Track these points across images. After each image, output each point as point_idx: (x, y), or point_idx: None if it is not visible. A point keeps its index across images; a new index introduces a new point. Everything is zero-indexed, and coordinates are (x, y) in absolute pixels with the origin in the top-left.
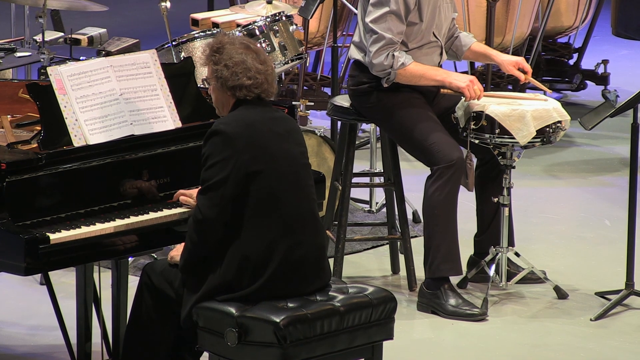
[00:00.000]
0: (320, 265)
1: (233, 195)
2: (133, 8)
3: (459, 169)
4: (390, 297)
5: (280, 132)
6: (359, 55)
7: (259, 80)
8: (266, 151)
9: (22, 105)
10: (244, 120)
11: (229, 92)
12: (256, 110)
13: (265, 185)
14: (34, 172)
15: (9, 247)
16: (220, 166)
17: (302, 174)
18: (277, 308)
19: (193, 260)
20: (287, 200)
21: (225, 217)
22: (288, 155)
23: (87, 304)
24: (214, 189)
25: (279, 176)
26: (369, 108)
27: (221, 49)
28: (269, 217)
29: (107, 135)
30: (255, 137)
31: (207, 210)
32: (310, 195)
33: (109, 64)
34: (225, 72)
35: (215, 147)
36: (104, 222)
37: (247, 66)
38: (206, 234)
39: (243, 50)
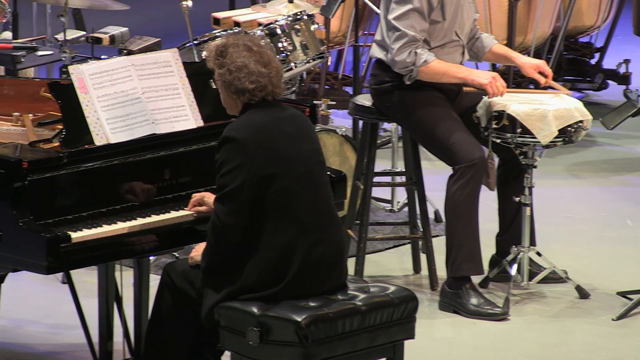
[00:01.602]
0: (339, 262)
1: (249, 201)
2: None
3: (481, 168)
4: (412, 297)
5: (292, 131)
6: (381, 53)
7: (262, 83)
8: (279, 153)
9: (43, 104)
10: (255, 124)
11: (234, 96)
12: (265, 112)
13: (281, 187)
14: (55, 171)
15: (30, 246)
16: (235, 173)
17: (316, 172)
18: (299, 307)
19: (215, 262)
20: (303, 200)
21: (243, 222)
22: (301, 155)
23: (109, 303)
24: (230, 196)
25: (293, 177)
26: (390, 107)
27: (224, 53)
28: (286, 218)
29: (129, 134)
30: (267, 140)
31: (225, 217)
32: (326, 192)
33: (130, 63)
34: (228, 76)
35: (228, 154)
36: (125, 221)
37: (249, 70)
38: (225, 240)
39: (246, 53)
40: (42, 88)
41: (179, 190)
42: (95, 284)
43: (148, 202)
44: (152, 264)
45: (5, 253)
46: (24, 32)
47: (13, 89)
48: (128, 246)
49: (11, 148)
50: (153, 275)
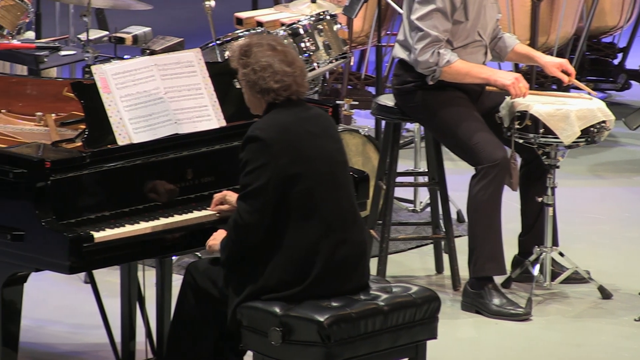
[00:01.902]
0: (362, 262)
1: (273, 200)
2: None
3: (503, 168)
4: (434, 297)
5: (315, 131)
6: (404, 54)
7: (287, 82)
8: (303, 153)
9: (66, 103)
10: (279, 124)
11: (258, 95)
12: (289, 112)
13: (305, 187)
14: (78, 171)
15: (53, 245)
16: (259, 172)
17: (339, 172)
18: (321, 307)
19: (234, 257)
20: (327, 200)
21: (265, 222)
22: (325, 155)
23: (131, 303)
24: (254, 195)
25: (317, 177)
26: (413, 107)
27: (249, 52)
28: (310, 219)
29: (152, 134)
30: (291, 140)
31: (248, 216)
32: (349, 192)
33: (153, 63)
34: (253, 76)
35: (252, 153)
36: (148, 220)
37: (274, 70)
38: (247, 238)
39: (270, 53)
40: (64, 88)
41: (202, 190)
42: (118, 283)
43: (171, 202)
44: (175, 264)
45: (28, 253)
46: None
47: (36, 89)
48: (151, 246)
49: (34, 148)
50: (175, 275)
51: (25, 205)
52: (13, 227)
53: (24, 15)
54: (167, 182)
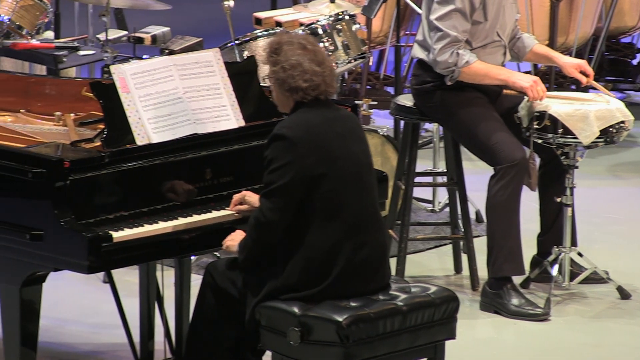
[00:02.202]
0: (382, 265)
1: (296, 199)
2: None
3: (522, 168)
4: (453, 297)
5: (342, 132)
6: (423, 54)
7: (316, 82)
8: (329, 154)
9: (85, 103)
10: (306, 123)
11: (287, 94)
12: (317, 112)
13: (329, 188)
14: (97, 171)
15: (72, 245)
16: (283, 171)
17: (364, 174)
18: (340, 307)
19: (253, 256)
20: (351, 202)
21: (287, 220)
22: (350, 156)
23: (150, 303)
24: (277, 193)
25: (342, 178)
26: (432, 107)
27: (279, 50)
28: (333, 219)
29: (170, 133)
30: (318, 140)
31: (270, 214)
32: (373, 194)
33: (172, 63)
34: (282, 74)
35: (278, 151)
36: (166, 220)
37: (303, 68)
38: (267, 236)
39: (300, 52)
40: (83, 88)
41: (221, 190)
42: (137, 283)
43: (189, 201)
44: (193, 264)
45: (47, 252)
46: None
47: (55, 89)
48: (169, 246)
49: (53, 147)
50: (194, 275)
51: (44, 205)
52: (32, 226)
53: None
54: (185, 182)
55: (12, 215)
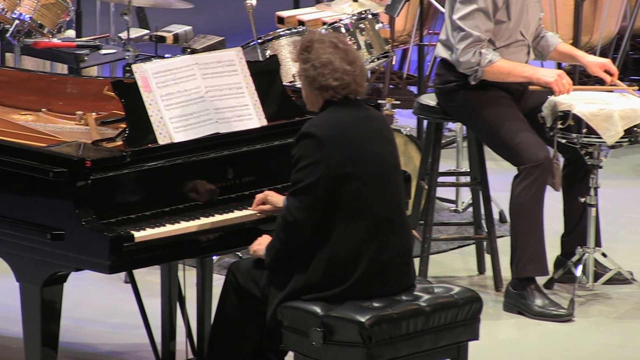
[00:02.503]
0: (406, 267)
1: (323, 198)
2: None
3: (546, 168)
4: (476, 297)
5: (371, 132)
6: (446, 53)
7: (346, 81)
8: (357, 153)
9: (106, 102)
10: (335, 122)
11: (316, 92)
12: (346, 111)
13: (355, 187)
14: (118, 170)
15: (93, 245)
16: (311, 169)
17: (391, 175)
18: (362, 308)
19: (280, 258)
20: (376, 202)
21: (314, 219)
22: (378, 157)
23: (172, 303)
24: (305, 192)
25: (369, 178)
26: (455, 107)
27: (310, 48)
28: (357, 219)
29: (192, 133)
30: (346, 139)
31: (297, 213)
32: (399, 196)
33: (194, 62)
34: (313, 72)
35: (306, 149)
36: (188, 220)
37: (334, 67)
38: (295, 235)
39: (332, 50)
40: (105, 87)
41: (242, 189)
42: (158, 283)
43: (211, 201)
44: (215, 264)
45: (68, 252)
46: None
47: (76, 88)
48: (191, 246)
49: (74, 147)
50: (216, 275)
51: (65, 204)
52: (53, 226)
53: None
54: (207, 181)
55: (33, 215)
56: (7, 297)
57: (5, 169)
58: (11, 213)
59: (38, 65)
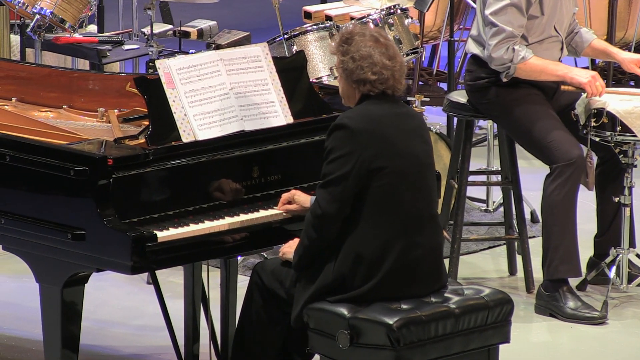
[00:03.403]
0: (435, 268)
1: (354, 191)
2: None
3: (579, 167)
4: (507, 299)
5: (406, 129)
6: (477, 49)
7: (385, 76)
8: (390, 148)
9: (129, 99)
10: (369, 115)
11: (353, 85)
12: (382, 106)
13: (386, 182)
14: (141, 168)
15: (115, 245)
16: (343, 161)
17: (424, 173)
18: (391, 309)
19: (308, 256)
20: (406, 200)
21: (344, 213)
22: (412, 154)
23: (195, 304)
24: (336, 183)
25: (401, 174)
26: (486, 104)
27: (350, 40)
28: (386, 216)
29: (217, 130)
30: (380, 133)
31: (327, 205)
32: (431, 195)
33: (219, 58)
34: (351, 64)
35: (338, 141)
36: (212, 220)
37: (373, 61)
38: (324, 230)
39: (372, 44)
40: (128, 83)
41: (268, 188)
42: (181, 284)
43: (236, 200)
44: (240, 265)
45: (89, 252)
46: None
47: (98, 84)
48: (215, 246)
49: (96, 144)
50: (241, 276)
51: (86, 203)
52: (74, 226)
53: (86, 8)
54: (232, 180)
55: (53, 214)
56: (27, 299)
57: (25, 167)
58: (31, 212)
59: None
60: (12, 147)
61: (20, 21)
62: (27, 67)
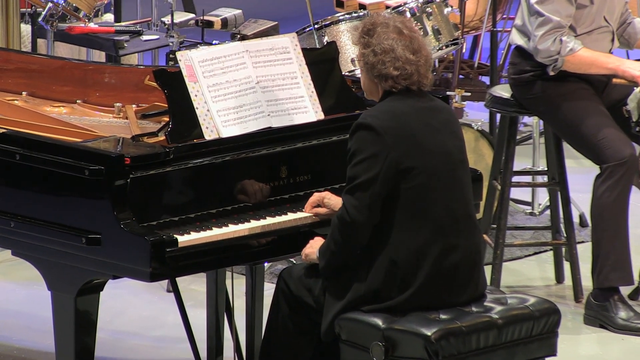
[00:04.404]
0: (475, 273)
1: (383, 195)
2: None
3: (631, 167)
4: (554, 309)
5: (435, 124)
6: (522, 40)
7: (408, 71)
8: (419, 146)
9: (148, 93)
10: (394, 112)
11: (375, 80)
12: (407, 101)
13: (417, 183)
14: (160, 168)
15: (133, 250)
16: (369, 163)
17: (458, 171)
18: (428, 320)
19: (336, 262)
20: (441, 200)
21: (374, 219)
22: (443, 151)
23: (219, 314)
24: (363, 188)
25: (432, 173)
26: (531, 99)
27: (372, 32)
28: (420, 219)
29: (242, 127)
30: (407, 130)
31: (355, 212)
32: (466, 194)
33: (244, 49)
34: (372, 58)
35: (362, 142)
36: (237, 223)
37: (395, 55)
38: (353, 237)
39: (395, 36)
40: (146, 76)
41: (297, 190)
42: (204, 292)
43: (262, 203)
44: (267, 271)
45: (105, 258)
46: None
47: (115, 77)
48: (240, 251)
49: (112, 142)
50: (267, 284)
51: (102, 205)
52: (88, 229)
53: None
54: (258, 181)
55: (67, 217)
56: (38, 308)
57: (36, 167)
58: (42, 215)
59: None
60: (22, 144)
61: (32, 10)
62: (38, 59)
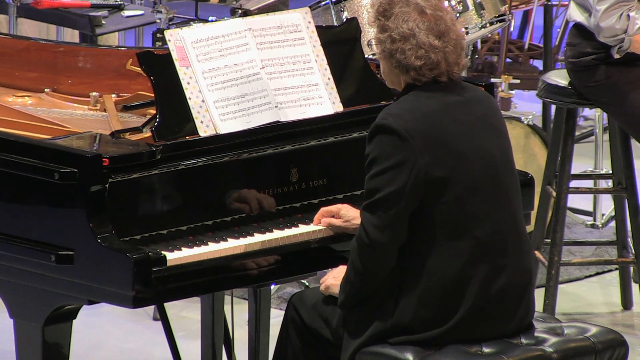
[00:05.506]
0: (525, 297)
1: (409, 212)
2: None
3: None
4: (620, 341)
5: (469, 121)
6: (582, 16)
7: (433, 60)
8: (451, 150)
9: (130, 80)
10: (421, 110)
11: (395, 70)
12: (436, 96)
13: (454, 195)
14: (145, 171)
15: (112, 269)
16: (392, 174)
17: (502, 175)
18: (469, 354)
19: (358, 294)
20: (483, 214)
21: (400, 240)
22: (481, 153)
23: (216, 347)
24: (385, 204)
25: (471, 182)
26: (593, 87)
27: (388, 12)
28: (459, 238)
29: (244, 121)
30: (437, 132)
31: (376, 233)
32: (514, 203)
33: (247, 27)
34: (390, 45)
35: (383, 148)
36: (238, 237)
37: (417, 41)
38: (375, 263)
39: (417, 17)
40: (128, 60)
41: (310, 197)
42: (198, 321)
43: (269, 213)
44: (274, 295)
45: (78, 279)
46: None
47: (91, 61)
48: (242, 271)
49: (87, 139)
50: (275, 310)
51: (75, 215)
52: (59, 245)
53: None
54: (264, 186)
55: (33, 230)
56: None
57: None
58: (3, 228)
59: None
60: None
61: None
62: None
